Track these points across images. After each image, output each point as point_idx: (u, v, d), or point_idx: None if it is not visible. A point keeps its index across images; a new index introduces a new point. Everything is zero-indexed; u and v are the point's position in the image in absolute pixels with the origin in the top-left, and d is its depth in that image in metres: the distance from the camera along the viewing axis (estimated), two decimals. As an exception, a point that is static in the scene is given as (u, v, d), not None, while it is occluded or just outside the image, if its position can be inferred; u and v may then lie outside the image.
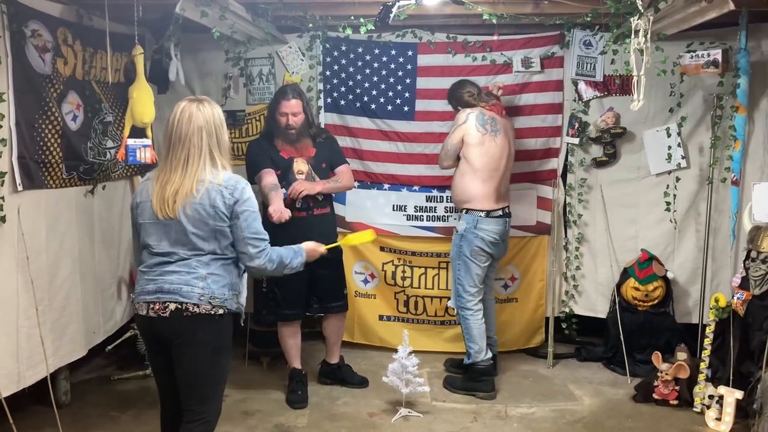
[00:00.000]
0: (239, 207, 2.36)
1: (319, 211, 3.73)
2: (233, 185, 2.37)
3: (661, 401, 3.75)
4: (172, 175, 2.35)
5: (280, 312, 3.79)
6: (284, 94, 3.66)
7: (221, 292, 2.38)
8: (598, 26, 4.18)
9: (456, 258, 3.88)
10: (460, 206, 3.93)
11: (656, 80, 4.01)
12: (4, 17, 2.96)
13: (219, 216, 2.34)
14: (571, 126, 4.36)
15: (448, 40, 4.36)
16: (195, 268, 2.36)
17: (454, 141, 3.86)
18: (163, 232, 2.38)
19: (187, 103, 2.41)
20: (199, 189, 2.33)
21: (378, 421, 3.57)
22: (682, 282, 4.35)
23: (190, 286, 2.34)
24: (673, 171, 4.27)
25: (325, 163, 3.78)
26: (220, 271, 2.40)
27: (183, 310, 2.33)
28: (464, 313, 3.90)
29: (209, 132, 2.37)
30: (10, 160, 3.06)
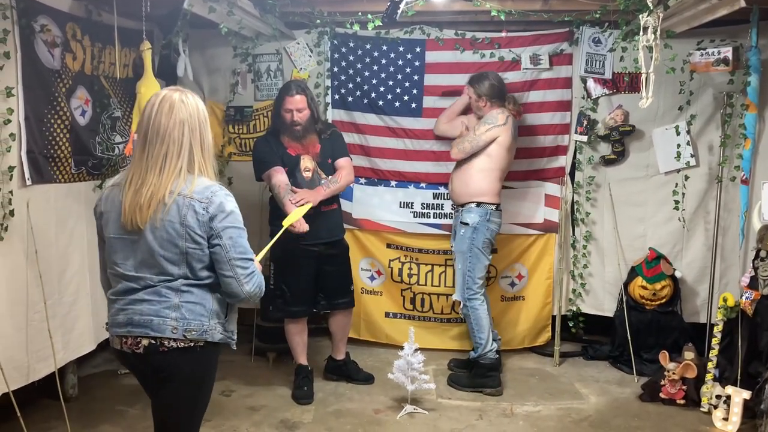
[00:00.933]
0: (219, 223, 2.00)
1: (327, 208, 3.71)
2: (208, 198, 2.00)
3: (668, 401, 3.74)
4: (149, 176, 2.00)
5: (287, 309, 3.79)
6: (288, 90, 3.64)
7: (198, 323, 2.06)
8: (607, 23, 4.16)
9: (467, 251, 3.88)
10: (468, 199, 3.91)
11: (665, 78, 3.99)
12: (14, 12, 2.98)
13: (190, 236, 2.00)
14: (580, 123, 4.34)
15: (457, 37, 4.35)
16: (166, 296, 2.04)
17: (488, 138, 3.85)
18: (130, 250, 2.05)
19: (168, 92, 2.07)
20: (167, 201, 1.99)
21: (383, 417, 3.57)
22: (690, 281, 4.32)
23: (161, 317, 2.03)
24: (682, 169, 4.24)
25: (330, 159, 3.77)
26: (196, 298, 2.07)
27: (157, 345, 2.04)
28: (473, 303, 3.90)
29: (192, 127, 2.03)
30: (19, 155, 3.08)
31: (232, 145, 4.54)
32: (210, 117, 4.49)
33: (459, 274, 3.94)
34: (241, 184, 4.36)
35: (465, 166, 3.95)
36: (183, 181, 2.00)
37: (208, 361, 2.15)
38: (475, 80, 3.96)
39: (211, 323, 2.09)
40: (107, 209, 2.10)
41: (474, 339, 3.95)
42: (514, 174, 4.27)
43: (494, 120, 3.85)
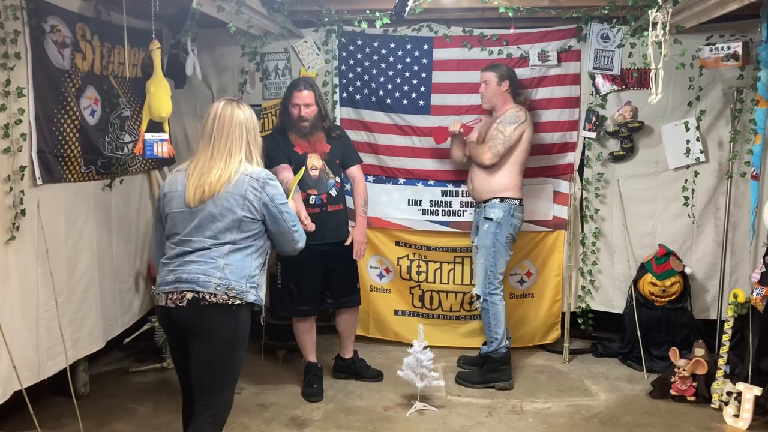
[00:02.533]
0: (278, 202, 2.48)
1: (333, 208, 3.72)
2: (264, 179, 2.47)
3: (679, 397, 3.73)
4: (216, 163, 2.45)
5: (295, 308, 3.80)
6: (296, 86, 3.65)
7: (238, 284, 2.40)
8: (616, 19, 4.14)
9: (491, 246, 3.87)
10: (491, 195, 3.90)
11: (675, 73, 3.97)
12: (24, 13, 3.00)
13: (248, 207, 2.43)
14: (588, 120, 4.33)
15: (464, 34, 4.34)
16: (214, 258, 2.40)
17: (516, 135, 3.86)
18: (189, 219, 2.44)
19: (227, 102, 2.55)
20: (233, 178, 2.43)
21: (393, 414, 3.58)
22: (700, 277, 4.31)
23: (208, 276, 2.38)
24: (691, 165, 4.22)
25: (338, 160, 3.78)
26: (239, 262, 2.43)
27: (200, 299, 2.36)
28: (493, 299, 3.91)
29: (249, 129, 2.52)
30: (30, 155, 3.10)
31: (241, 144, 4.55)
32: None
33: (481, 268, 3.93)
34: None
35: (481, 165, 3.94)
36: (243, 166, 2.47)
37: (243, 320, 2.44)
38: (493, 67, 4.00)
39: (248, 286, 2.42)
40: (171, 189, 2.51)
41: (489, 334, 3.95)
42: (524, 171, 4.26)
43: (517, 118, 3.85)
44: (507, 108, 3.93)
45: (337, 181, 3.74)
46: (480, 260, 3.93)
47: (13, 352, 2.92)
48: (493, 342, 3.94)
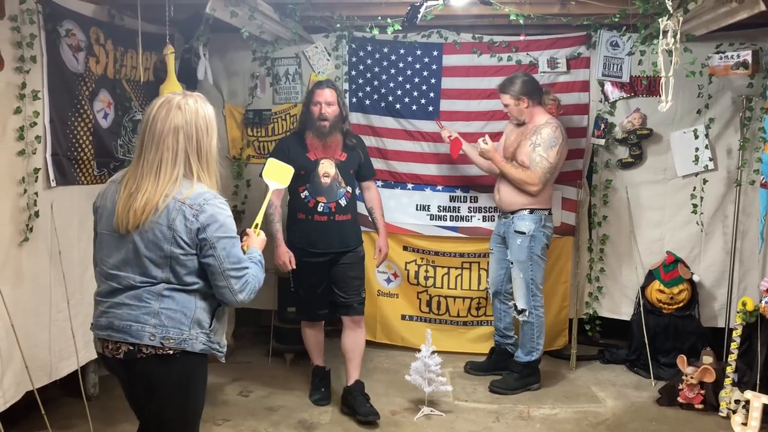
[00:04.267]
0: (212, 234, 1.96)
1: (341, 218, 3.60)
2: (200, 205, 1.96)
3: (686, 405, 3.72)
4: (144, 182, 1.98)
5: (302, 312, 3.80)
6: (319, 84, 3.62)
7: (177, 331, 2.00)
8: (626, 27, 4.15)
9: (527, 260, 3.85)
10: (520, 207, 3.87)
11: (684, 81, 3.98)
12: (40, 17, 3.04)
13: (176, 241, 1.96)
14: (597, 127, 4.34)
15: (474, 41, 4.37)
16: (146, 300, 1.99)
17: (560, 158, 3.84)
18: (115, 248, 2.03)
19: (168, 97, 2.04)
20: (161, 205, 1.95)
21: (400, 419, 3.59)
22: (709, 285, 4.31)
23: (140, 323, 1.98)
24: (700, 173, 4.23)
25: (352, 170, 3.69)
26: (177, 305, 2.01)
27: (136, 351, 1.99)
28: (538, 311, 3.94)
29: (188, 135, 1.98)
30: (44, 157, 3.13)
31: (251, 148, 4.58)
32: (229, 120, 4.62)
33: (522, 283, 3.89)
34: (260, 187, 4.40)
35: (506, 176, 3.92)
36: (179, 187, 1.97)
37: (189, 370, 2.06)
38: (506, 85, 3.86)
39: (192, 332, 2.02)
40: (103, 204, 2.09)
41: (531, 344, 3.95)
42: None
43: (556, 140, 3.78)
44: (539, 121, 3.84)
45: (348, 191, 3.63)
46: (519, 274, 3.89)
47: (25, 353, 2.95)
48: (534, 352, 3.96)
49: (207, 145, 2.02)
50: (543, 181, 3.79)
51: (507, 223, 3.97)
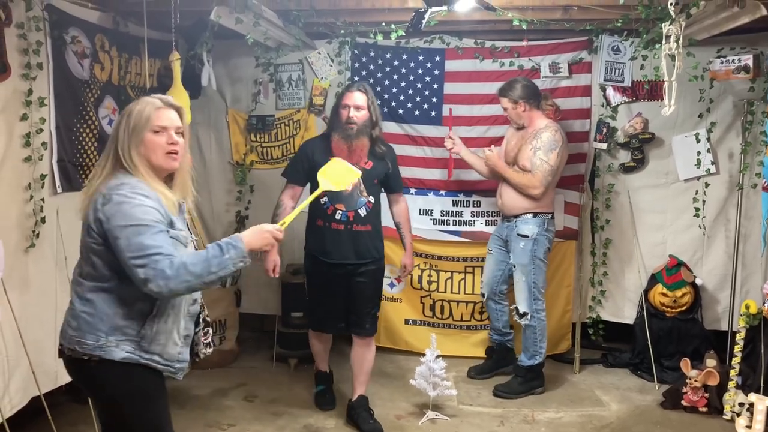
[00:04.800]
0: (117, 223, 1.87)
1: (359, 228, 3.41)
2: (109, 193, 1.91)
3: (690, 408, 3.73)
4: (94, 176, 2.04)
5: (314, 323, 3.66)
6: (349, 87, 3.49)
7: (93, 337, 1.93)
8: (627, 32, 4.18)
9: (530, 263, 3.88)
10: (523, 210, 3.90)
11: (685, 86, 4.00)
12: (47, 24, 3.06)
13: (88, 230, 1.95)
14: (599, 131, 4.36)
15: (476, 46, 4.39)
16: (73, 301, 2.00)
17: (560, 161, 3.88)
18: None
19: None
20: (92, 196, 1.97)
21: (405, 423, 3.60)
22: (711, 288, 4.32)
23: (66, 324, 2.00)
24: (702, 177, 4.25)
25: (377, 179, 3.48)
26: (93, 307, 1.95)
27: (63, 351, 2.01)
28: (540, 315, 3.95)
29: (116, 127, 2.01)
30: (50, 163, 3.15)
31: (254, 154, 4.59)
32: (232, 125, 4.64)
33: (524, 287, 3.91)
34: (264, 192, 4.42)
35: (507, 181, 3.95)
36: (107, 178, 1.97)
37: (115, 380, 1.96)
38: (505, 89, 3.91)
39: (111, 339, 1.92)
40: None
41: (534, 348, 3.96)
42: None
43: (556, 143, 3.81)
44: (538, 125, 3.88)
45: (370, 201, 3.43)
46: (522, 278, 3.91)
47: (32, 358, 2.96)
48: (537, 355, 3.97)
49: (133, 135, 1.96)
50: (545, 184, 3.82)
51: (510, 226, 3.98)
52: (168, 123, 2.01)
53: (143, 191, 1.93)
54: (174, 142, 2.00)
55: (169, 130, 2.00)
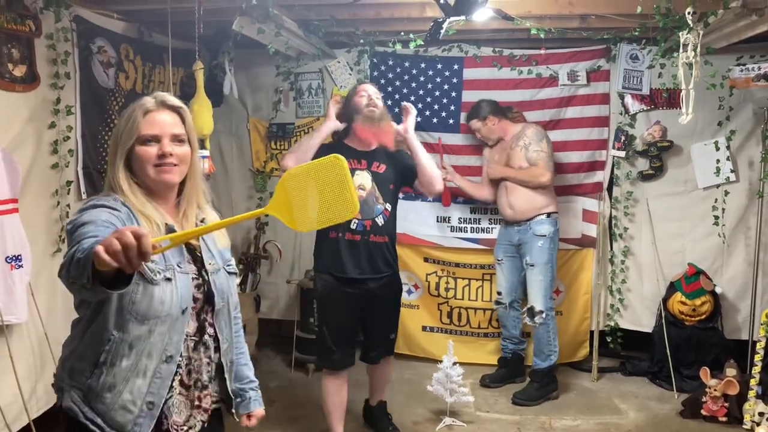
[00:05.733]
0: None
1: (376, 239, 3.13)
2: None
3: (710, 417, 3.71)
4: None
5: (327, 357, 3.18)
6: (360, 81, 3.43)
7: (60, 374, 1.63)
8: (645, 40, 4.18)
9: (548, 261, 3.99)
10: (536, 213, 3.99)
11: (704, 93, 3.99)
12: (74, 35, 3.14)
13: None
14: (618, 139, 4.36)
15: (494, 54, 4.42)
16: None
17: (551, 149, 4.01)
18: None
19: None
20: None
21: (422, 429, 3.62)
22: (732, 297, 4.29)
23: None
24: (721, 185, 4.23)
25: (392, 185, 3.20)
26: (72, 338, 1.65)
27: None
28: (552, 313, 4.03)
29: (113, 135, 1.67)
30: (76, 170, 3.23)
31: (274, 161, 4.66)
32: (253, 133, 4.71)
33: (541, 285, 3.97)
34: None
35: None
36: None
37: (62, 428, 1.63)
38: (471, 113, 4.20)
39: (64, 378, 1.60)
40: None
41: (549, 348, 4.01)
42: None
43: (540, 134, 4.01)
44: (514, 130, 4.10)
45: (387, 209, 3.15)
46: (538, 277, 3.96)
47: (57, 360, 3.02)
48: (551, 355, 4.02)
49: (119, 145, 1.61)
50: (549, 169, 3.96)
51: (523, 230, 4.03)
52: (159, 130, 1.60)
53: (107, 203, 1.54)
54: (165, 153, 1.59)
55: (163, 137, 1.60)
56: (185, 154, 1.65)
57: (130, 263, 1.15)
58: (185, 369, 1.64)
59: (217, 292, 1.68)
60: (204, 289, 1.66)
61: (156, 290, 1.54)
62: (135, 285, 1.50)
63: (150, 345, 1.56)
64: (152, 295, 1.53)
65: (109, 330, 1.53)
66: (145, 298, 1.53)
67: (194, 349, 1.66)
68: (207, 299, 1.67)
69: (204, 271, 1.67)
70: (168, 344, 1.58)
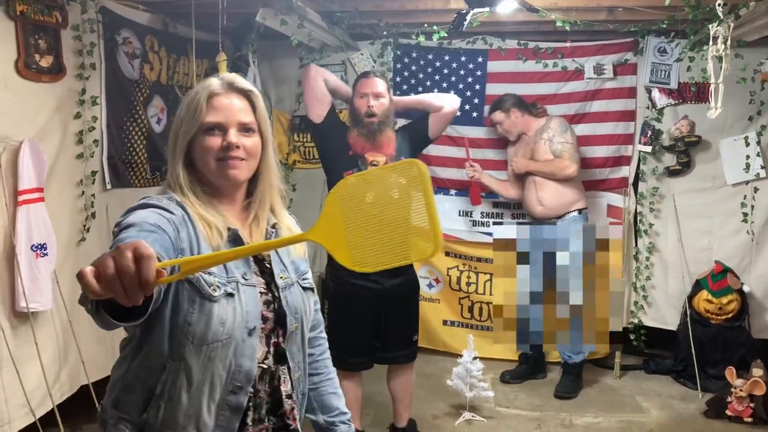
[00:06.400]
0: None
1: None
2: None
3: (735, 418, 3.64)
4: None
5: (342, 358, 2.85)
6: (365, 74, 3.06)
7: (106, 404, 1.38)
8: (674, 33, 4.10)
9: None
10: (567, 209, 3.93)
11: (734, 88, 3.90)
12: (100, 26, 3.17)
13: None
14: (644, 134, 4.29)
15: (519, 47, 4.37)
16: None
17: (576, 141, 3.96)
18: None
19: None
20: None
21: (442, 423, 3.60)
22: (760, 296, 4.20)
23: None
24: (751, 181, 4.14)
25: (403, 157, 2.91)
26: (119, 362, 1.41)
27: None
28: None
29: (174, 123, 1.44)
30: (101, 160, 3.27)
31: (297, 153, 4.67)
32: (275, 125, 4.72)
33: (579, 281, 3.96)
34: (305, 191, 4.47)
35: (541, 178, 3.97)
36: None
37: None
38: (495, 105, 4.11)
39: (109, 411, 1.35)
40: None
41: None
42: (576, 184, 4.26)
43: (564, 125, 3.95)
44: (537, 124, 4.04)
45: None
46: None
47: (81, 348, 3.07)
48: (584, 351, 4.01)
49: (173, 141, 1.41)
50: (575, 160, 3.91)
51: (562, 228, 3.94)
52: (224, 117, 1.36)
53: (160, 203, 1.33)
54: (230, 144, 1.35)
55: (229, 126, 1.36)
56: (255, 146, 1.40)
57: (128, 295, 0.89)
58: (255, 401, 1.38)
59: (289, 311, 1.41)
60: (274, 306, 1.40)
61: (215, 308, 1.28)
62: (190, 303, 1.27)
63: (213, 374, 1.30)
64: (210, 313, 1.28)
65: (164, 356, 1.29)
66: (203, 317, 1.28)
67: (260, 378, 1.39)
68: (278, 319, 1.41)
69: (274, 286, 1.41)
70: (236, 373, 1.32)
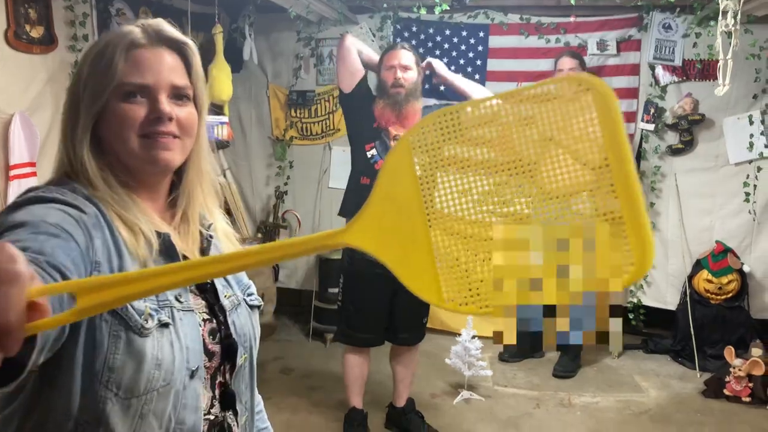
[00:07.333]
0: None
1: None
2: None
3: (733, 398, 3.64)
4: None
5: (353, 335, 3.03)
6: (393, 46, 2.95)
7: None
8: (680, 8, 4.02)
9: None
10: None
11: (740, 65, 3.83)
12: (93, -4, 3.09)
13: None
14: (647, 111, 4.23)
15: (522, 22, 4.28)
16: None
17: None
18: None
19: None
20: None
21: (440, 402, 3.59)
22: (760, 276, 4.18)
23: None
24: (754, 160, 4.10)
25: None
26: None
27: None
28: None
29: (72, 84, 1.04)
30: (95, 135, 3.19)
31: (294, 129, 4.59)
32: (272, 100, 4.64)
33: None
34: (302, 168, 4.42)
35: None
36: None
37: None
38: (578, 53, 3.95)
39: None
40: None
41: None
42: (577, 162, 4.21)
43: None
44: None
45: None
46: None
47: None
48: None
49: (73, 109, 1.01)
50: None
51: None
52: (151, 78, 0.95)
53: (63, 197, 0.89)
54: (161, 115, 0.95)
55: (158, 90, 0.96)
56: (191, 119, 0.99)
57: None
58: None
59: (239, 340, 1.05)
60: (220, 336, 1.03)
61: (148, 344, 0.89)
62: (112, 340, 0.87)
63: None
64: (142, 353, 0.88)
65: (71, 417, 0.87)
66: (131, 359, 0.88)
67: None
68: (225, 353, 1.04)
69: (218, 309, 1.04)
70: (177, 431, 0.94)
